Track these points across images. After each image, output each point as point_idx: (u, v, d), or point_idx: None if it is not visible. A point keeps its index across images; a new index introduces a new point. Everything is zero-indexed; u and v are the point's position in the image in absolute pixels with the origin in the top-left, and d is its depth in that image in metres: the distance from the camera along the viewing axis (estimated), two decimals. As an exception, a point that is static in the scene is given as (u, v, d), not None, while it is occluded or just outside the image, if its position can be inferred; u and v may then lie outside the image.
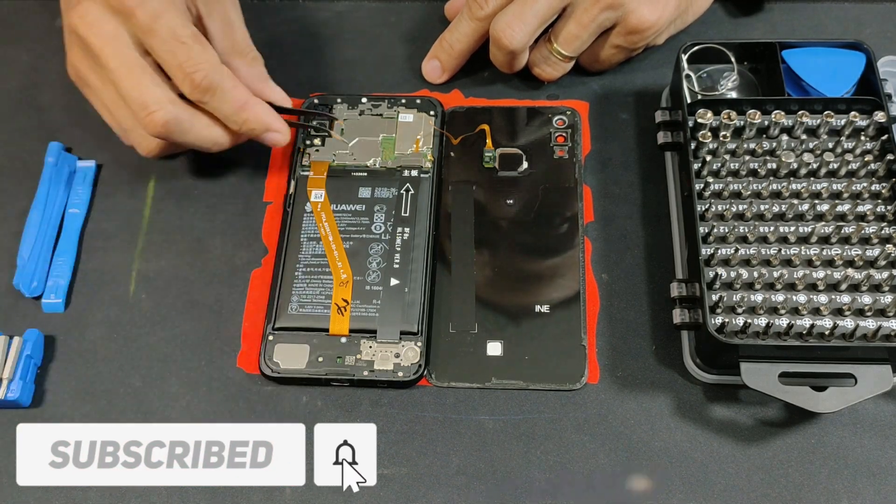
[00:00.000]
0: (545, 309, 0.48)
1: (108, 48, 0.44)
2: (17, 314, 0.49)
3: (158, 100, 0.44)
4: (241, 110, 0.46)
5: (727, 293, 0.44)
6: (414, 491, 0.44)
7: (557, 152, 0.52)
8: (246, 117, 0.47)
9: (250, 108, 0.47)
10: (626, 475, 0.44)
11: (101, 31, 0.44)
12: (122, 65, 0.44)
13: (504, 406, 0.46)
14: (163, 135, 0.45)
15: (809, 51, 0.51)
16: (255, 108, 0.47)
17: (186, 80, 0.45)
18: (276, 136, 0.48)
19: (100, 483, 0.44)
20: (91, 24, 0.44)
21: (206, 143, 0.47)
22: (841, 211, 0.46)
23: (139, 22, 0.44)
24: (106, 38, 0.44)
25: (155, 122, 0.44)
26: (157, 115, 0.44)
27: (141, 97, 0.44)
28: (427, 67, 0.56)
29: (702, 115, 0.48)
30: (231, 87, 0.46)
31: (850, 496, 0.43)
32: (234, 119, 0.47)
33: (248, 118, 0.47)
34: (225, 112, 0.46)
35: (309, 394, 0.46)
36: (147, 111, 0.44)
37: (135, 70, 0.44)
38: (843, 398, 0.42)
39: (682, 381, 0.46)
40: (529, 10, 0.50)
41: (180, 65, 0.44)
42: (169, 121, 0.44)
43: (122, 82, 0.44)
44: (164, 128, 0.45)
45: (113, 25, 0.44)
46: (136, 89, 0.44)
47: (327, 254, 0.49)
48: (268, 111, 0.48)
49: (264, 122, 0.47)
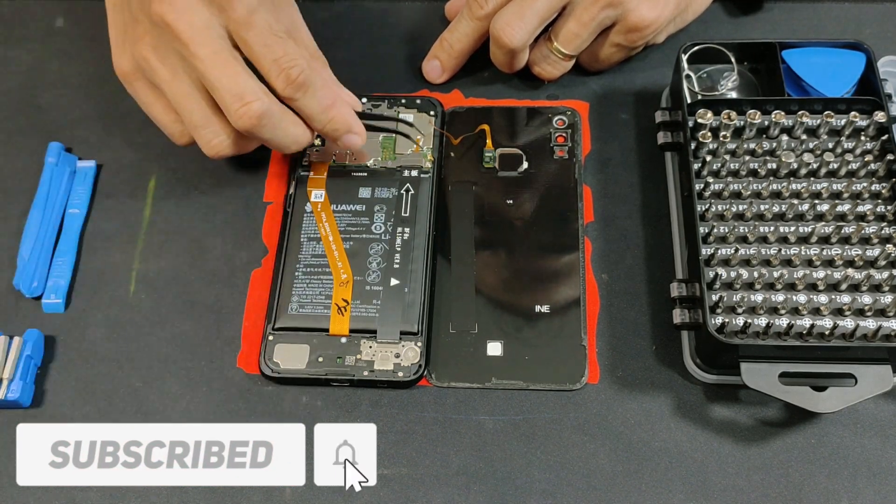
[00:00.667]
0: (545, 309, 0.48)
1: (199, 37, 0.43)
2: (17, 314, 0.49)
3: (255, 90, 0.43)
4: (328, 109, 0.46)
5: (727, 293, 0.44)
6: (414, 491, 0.44)
7: (557, 152, 0.52)
8: (332, 116, 0.46)
9: (336, 107, 0.46)
10: (626, 475, 0.44)
11: (194, 19, 0.43)
12: (215, 53, 0.43)
13: (504, 406, 0.46)
14: (254, 128, 0.44)
15: (809, 51, 0.51)
16: (341, 109, 0.46)
17: (282, 75, 0.44)
18: (355, 138, 0.48)
19: (100, 483, 0.44)
20: (182, 12, 0.42)
21: (289, 141, 0.46)
22: (841, 211, 0.46)
23: (236, 15, 0.43)
24: (198, 27, 0.43)
25: (251, 112, 0.43)
26: (254, 105, 0.43)
27: (237, 86, 0.43)
28: (427, 67, 0.56)
29: (702, 115, 0.48)
30: (321, 86, 0.45)
31: (850, 496, 0.43)
32: (320, 118, 0.46)
33: (333, 117, 0.46)
34: (313, 110, 0.45)
35: (309, 394, 0.46)
36: (243, 101, 0.43)
37: (230, 60, 0.43)
38: (843, 398, 0.42)
39: (682, 381, 0.46)
40: (529, 8, 0.50)
41: (276, 60, 0.43)
42: (265, 112, 0.43)
43: (215, 71, 0.43)
44: (258, 120, 0.43)
45: (205, 15, 0.43)
46: (232, 79, 0.43)
47: (327, 254, 0.49)
48: (350, 112, 0.47)
49: (348, 123, 0.47)
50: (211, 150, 0.46)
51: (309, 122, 0.46)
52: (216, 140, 0.45)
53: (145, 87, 0.47)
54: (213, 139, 0.45)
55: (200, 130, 0.45)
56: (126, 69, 0.46)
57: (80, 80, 0.57)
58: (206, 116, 0.45)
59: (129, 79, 0.47)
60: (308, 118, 0.46)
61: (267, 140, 0.45)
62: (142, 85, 0.47)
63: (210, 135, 0.45)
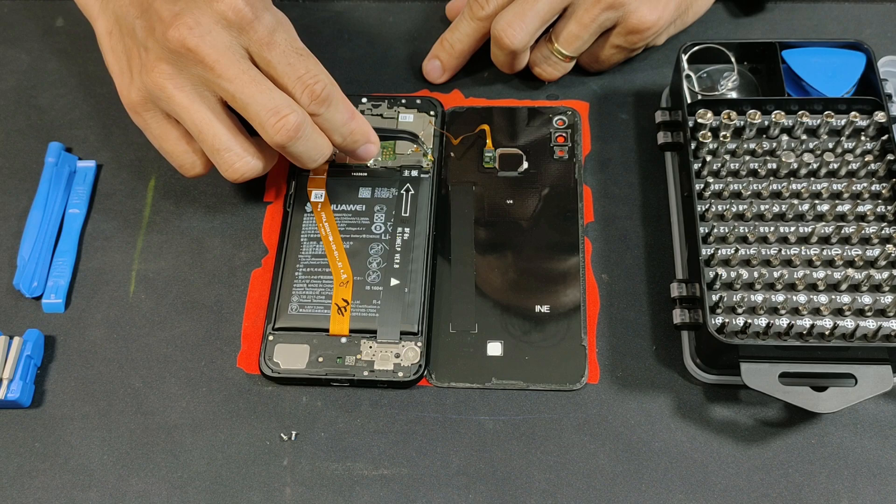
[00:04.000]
0: (545, 309, 0.48)
1: (224, 58, 0.43)
2: (17, 314, 0.49)
3: (289, 104, 0.43)
4: (349, 122, 0.46)
5: (727, 293, 0.44)
6: (414, 491, 0.44)
7: (557, 152, 0.52)
8: (353, 128, 0.46)
9: (356, 119, 0.47)
10: (626, 475, 0.44)
11: (217, 42, 0.43)
12: (242, 73, 0.43)
13: (504, 406, 0.46)
14: (290, 140, 0.44)
15: (809, 51, 0.51)
16: (360, 120, 0.47)
17: (307, 91, 0.44)
18: (372, 147, 0.48)
19: (100, 483, 0.44)
20: (204, 35, 0.42)
21: (317, 154, 0.46)
22: (841, 211, 0.46)
23: (258, 35, 0.43)
24: (222, 49, 0.43)
25: (289, 125, 0.43)
26: (291, 117, 0.43)
27: (272, 101, 0.43)
28: (428, 67, 0.56)
29: (702, 115, 0.48)
30: (341, 99, 0.46)
31: (850, 496, 0.43)
32: (341, 130, 0.46)
33: (354, 129, 0.47)
34: (336, 123, 0.46)
35: (309, 394, 0.46)
36: (279, 115, 0.43)
37: (258, 78, 0.43)
38: (844, 398, 0.42)
39: (682, 381, 0.46)
40: (530, 9, 0.50)
41: (300, 77, 0.44)
42: (301, 123, 0.43)
43: (247, 88, 0.43)
44: (296, 132, 0.43)
45: (226, 38, 0.43)
46: (265, 95, 0.43)
47: (327, 254, 0.49)
48: (367, 122, 0.48)
49: (366, 134, 0.47)
50: (235, 174, 0.45)
51: (330, 134, 0.46)
52: (240, 162, 0.45)
53: (157, 116, 0.46)
54: (236, 161, 0.45)
55: (224, 154, 0.45)
56: (136, 100, 0.45)
57: (80, 80, 0.57)
58: (230, 139, 0.45)
59: (138, 109, 0.46)
60: (330, 131, 0.46)
61: (298, 154, 0.45)
62: (153, 115, 0.46)
63: (234, 157, 0.45)
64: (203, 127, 0.44)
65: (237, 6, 0.43)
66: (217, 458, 0.45)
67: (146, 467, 0.44)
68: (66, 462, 0.45)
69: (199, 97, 0.44)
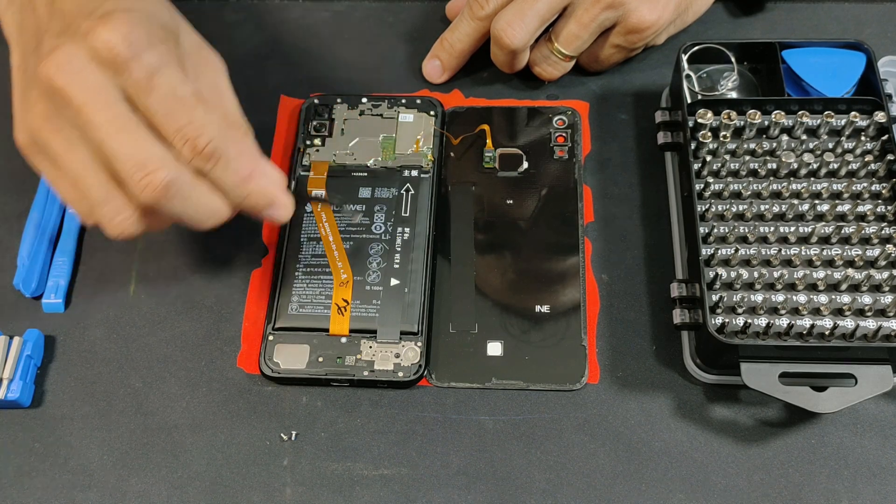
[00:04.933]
0: (545, 309, 0.48)
1: (94, 101, 0.37)
2: (17, 314, 0.49)
3: (161, 157, 0.38)
4: (245, 182, 0.40)
5: (727, 293, 0.44)
6: (414, 491, 0.44)
7: (557, 152, 0.52)
8: (250, 190, 0.40)
9: (255, 179, 0.40)
10: (626, 475, 0.44)
11: (87, 82, 0.37)
12: (113, 119, 0.37)
13: (504, 406, 0.46)
14: (160, 200, 0.38)
15: (809, 51, 0.51)
16: (260, 181, 0.40)
17: (188, 145, 0.38)
18: (280, 211, 0.42)
19: (100, 483, 0.44)
20: (73, 74, 0.37)
21: (203, 215, 0.40)
22: (841, 211, 0.46)
23: (134, 77, 0.38)
24: (92, 91, 0.37)
25: (155, 182, 0.37)
26: (159, 174, 0.37)
27: (138, 154, 0.37)
28: (428, 67, 0.56)
29: (702, 115, 0.48)
30: (236, 155, 0.40)
31: (850, 496, 0.43)
32: (235, 192, 0.40)
33: (252, 191, 0.40)
34: (227, 183, 0.40)
35: (309, 394, 0.46)
36: (145, 171, 0.37)
37: (129, 125, 0.38)
38: (844, 398, 0.42)
39: (682, 381, 0.46)
40: (530, 9, 0.50)
41: (181, 128, 0.38)
42: (172, 181, 0.38)
43: (113, 138, 0.37)
44: (164, 190, 0.38)
45: (100, 77, 0.38)
46: (132, 146, 0.37)
47: (327, 254, 0.49)
48: (274, 182, 0.41)
49: (268, 197, 0.41)
50: (114, 230, 0.40)
51: (224, 195, 0.40)
52: (119, 218, 0.39)
53: (45, 161, 0.40)
54: (115, 217, 0.39)
55: (102, 208, 0.39)
56: (22, 142, 0.41)
57: (80, 80, 0.57)
58: (108, 191, 0.39)
59: (27, 153, 0.41)
60: (222, 192, 0.40)
61: (178, 215, 0.40)
62: (41, 159, 0.41)
63: (112, 212, 0.39)
64: (79, 176, 0.39)
65: (111, 43, 0.37)
66: (217, 458, 0.45)
67: (146, 467, 0.44)
68: (66, 462, 0.45)
69: (78, 142, 0.38)
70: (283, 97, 0.56)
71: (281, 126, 0.55)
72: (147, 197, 0.38)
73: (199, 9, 0.60)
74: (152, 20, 0.39)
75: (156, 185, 0.37)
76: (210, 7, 0.60)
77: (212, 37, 0.58)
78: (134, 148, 0.38)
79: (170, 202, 0.38)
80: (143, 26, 0.38)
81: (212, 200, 0.40)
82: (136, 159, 0.37)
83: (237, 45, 0.58)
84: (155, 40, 0.39)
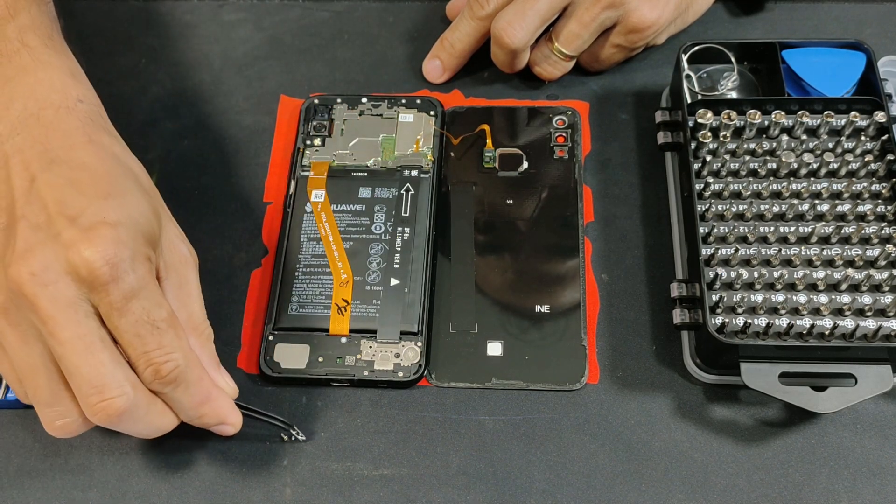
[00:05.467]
0: (545, 309, 0.48)
1: (62, 316, 0.36)
2: (17, 314, 0.49)
3: (120, 384, 0.37)
4: (200, 405, 0.40)
5: (727, 293, 0.44)
6: (414, 491, 0.44)
7: (557, 152, 0.52)
8: (204, 412, 0.41)
9: (210, 403, 0.41)
10: (626, 475, 0.44)
11: (58, 295, 0.36)
12: (77, 337, 0.36)
13: (504, 406, 0.46)
14: (111, 423, 0.38)
15: (809, 51, 0.51)
16: (214, 404, 0.41)
17: (150, 368, 0.38)
18: (227, 428, 0.42)
19: (100, 483, 0.44)
20: (47, 285, 0.36)
21: (151, 432, 0.40)
22: (841, 211, 0.46)
23: (110, 298, 0.37)
24: (61, 305, 0.36)
25: (111, 409, 0.37)
26: (117, 402, 0.37)
27: (99, 379, 0.36)
28: (428, 67, 0.56)
29: (702, 115, 0.48)
30: (197, 380, 0.40)
31: (850, 496, 0.43)
32: (189, 413, 0.40)
33: (205, 413, 0.41)
34: (184, 405, 0.40)
35: (309, 394, 0.46)
36: (102, 396, 0.36)
37: (94, 345, 0.37)
38: (843, 398, 0.42)
39: (682, 381, 0.46)
40: (530, 9, 0.50)
41: (148, 352, 0.38)
42: (128, 410, 0.37)
43: (76, 358, 0.36)
44: (118, 418, 0.37)
45: (73, 292, 0.36)
46: (93, 368, 0.36)
47: (327, 254, 0.49)
48: (226, 403, 0.41)
49: (220, 417, 0.41)
50: (54, 431, 0.39)
51: (177, 413, 0.41)
52: (61, 422, 0.39)
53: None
54: (57, 420, 0.39)
55: (45, 409, 0.39)
56: None
57: (80, 80, 0.57)
58: (54, 395, 0.38)
59: None
60: (177, 410, 0.40)
61: (126, 431, 0.40)
62: None
63: (55, 415, 0.38)
64: (27, 374, 0.38)
65: (93, 265, 0.36)
66: (217, 458, 0.45)
67: (146, 467, 0.44)
68: (66, 462, 0.45)
69: (35, 341, 0.37)
70: (283, 97, 0.56)
71: (281, 126, 0.55)
72: (99, 420, 0.37)
73: (199, 9, 0.60)
74: (138, 232, 0.38)
75: (110, 412, 0.37)
76: (209, 7, 0.60)
77: (211, 37, 0.59)
78: (94, 370, 0.37)
79: (119, 424, 0.38)
80: (128, 244, 0.37)
81: (163, 419, 0.40)
82: (96, 383, 0.37)
83: (237, 44, 0.58)
84: (138, 259, 0.38)
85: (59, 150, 0.39)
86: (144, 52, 0.58)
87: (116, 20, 0.60)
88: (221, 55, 0.58)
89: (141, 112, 0.56)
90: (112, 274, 0.36)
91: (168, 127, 0.55)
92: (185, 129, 0.55)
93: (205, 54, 0.58)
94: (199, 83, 0.57)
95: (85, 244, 0.36)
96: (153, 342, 0.38)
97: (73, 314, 0.36)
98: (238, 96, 0.56)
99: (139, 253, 0.38)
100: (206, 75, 0.57)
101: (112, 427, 0.38)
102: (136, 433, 0.40)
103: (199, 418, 0.41)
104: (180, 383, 0.39)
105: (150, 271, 0.39)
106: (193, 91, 0.56)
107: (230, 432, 0.42)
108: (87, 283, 0.36)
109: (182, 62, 0.58)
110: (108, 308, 0.37)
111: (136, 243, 0.38)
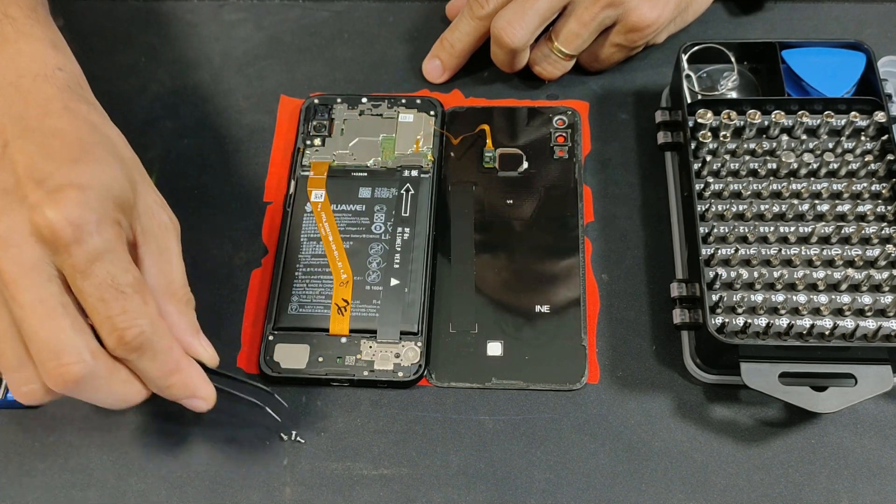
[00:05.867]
0: (545, 309, 0.48)
1: (23, 279, 0.36)
2: (17, 314, 0.49)
3: (78, 350, 0.36)
4: (169, 374, 0.39)
5: (727, 293, 0.44)
6: (414, 491, 0.44)
7: (557, 152, 0.52)
8: (172, 382, 0.39)
9: (179, 373, 0.40)
10: (626, 475, 0.44)
11: (21, 257, 0.36)
12: (38, 301, 0.36)
13: (504, 406, 0.46)
14: (69, 390, 0.37)
15: (809, 51, 0.51)
16: (183, 374, 0.40)
17: (114, 334, 0.37)
18: (199, 402, 0.41)
19: (100, 483, 0.44)
20: (8, 248, 0.36)
21: (114, 402, 0.39)
22: (841, 211, 0.46)
23: (73, 260, 0.36)
24: (24, 268, 0.36)
25: (67, 375, 0.36)
26: (73, 368, 0.36)
27: (56, 344, 0.36)
28: (428, 67, 0.56)
29: (702, 115, 0.48)
30: (165, 349, 0.39)
31: (850, 496, 0.43)
32: (157, 382, 0.39)
33: (173, 384, 0.40)
34: (149, 374, 0.39)
35: (309, 394, 0.46)
36: (59, 362, 0.36)
37: (55, 310, 0.36)
38: (844, 398, 0.42)
39: (682, 381, 0.46)
40: (530, 8, 0.50)
41: (111, 317, 0.37)
42: (84, 377, 0.36)
43: (35, 322, 0.36)
44: (74, 384, 0.37)
45: (36, 254, 0.36)
46: (52, 333, 0.36)
47: (327, 254, 0.49)
48: (197, 375, 0.40)
49: (190, 389, 0.40)
50: (21, 397, 0.39)
51: (145, 381, 0.40)
52: (27, 388, 0.38)
53: None
54: (22, 386, 0.38)
55: (11, 374, 0.38)
56: None
57: (79, 79, 0.57)
58: (20, 361, 0.37)
59: None
60: (144, 380, 0.39)
61: (88, 400, 0.39)
62: None
63: (21, 381, 0.38)
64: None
65: (55, 225, 0.35)
66: (217, 457, 0.45)
67: (146, 467, 0.44)
68: (66, 462, 0.45)
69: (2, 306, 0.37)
70: (283, 97, 0.56)
71: (281, 126, 0.55)
72: (54, 385, 0.37)
73: (199, 8, 0.60)
74: (107, 196, 0.37)
75: (66, 378, 0.36)
76: (209, 6, 0.60)
77: (212, 36, 0.59)
78: (53, 335, 0.36)
79: (79, 392, 0.38)
80: (95, 207, 0.36)
81: (127, 389, 0.39)
82: (53, 348, 0.36)
83: (237, 44, 0.58)
84: (105, 223, 0.37)
85: (34, 118, 0.39)
86: (144, 50, 0.58)
87: (116, 19, 0.59)
88: (221, 54, 0.58)
89: (141, 111, 0.55)
90: (75, 235, 0.36)
91: (168, 126, 0.55)
92: (185, 128, 0.55)
93: (205, 53, 0.58)
94: (199, 82, 0.57)
95: (49, 205, 0.36)
96: (117, 307, 0.37)
97: (36, 277, 0.36)
98: (238, 96, 0.56)
99: (107, 217, 0.37)
100: (206, 75, 0.57)
101: (73, 395, 0.38)
102: (101, 402, 0.39)
103: (168, 388, 0.40)
104: (146, 351, 0.38)
105: (118, 235, 0.38)
106: (193, 90, 0.56)
107: (202, 407, 0.41)
108: (50, 245, 0.36)
109: (182, 61, 0.58)
110: (71, 270, 0.36)
111: (103, 207, 0.37)
